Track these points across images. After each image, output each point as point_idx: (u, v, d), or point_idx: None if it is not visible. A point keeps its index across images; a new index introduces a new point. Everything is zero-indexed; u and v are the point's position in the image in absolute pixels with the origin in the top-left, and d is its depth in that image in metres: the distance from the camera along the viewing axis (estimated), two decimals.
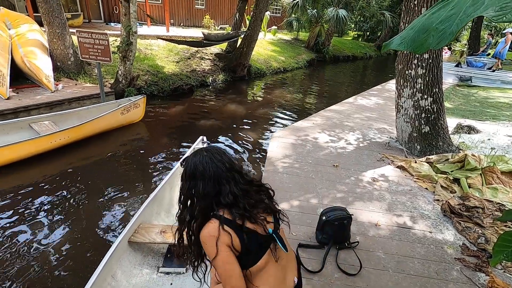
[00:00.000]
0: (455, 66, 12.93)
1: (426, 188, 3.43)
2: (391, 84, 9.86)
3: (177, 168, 2.98)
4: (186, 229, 1.23)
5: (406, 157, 4.19)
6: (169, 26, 12.15)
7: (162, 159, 4.47)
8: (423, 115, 4.15)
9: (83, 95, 5.80)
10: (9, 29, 6.29)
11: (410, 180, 3.61)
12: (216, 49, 10.74)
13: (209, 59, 10.07)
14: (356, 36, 25.89)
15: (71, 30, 6.78)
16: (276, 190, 3.08)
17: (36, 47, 6.03)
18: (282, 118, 6.76)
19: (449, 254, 2.44)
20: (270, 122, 6.55)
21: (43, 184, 3.61)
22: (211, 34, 9.11)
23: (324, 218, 2.40)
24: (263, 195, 1.28)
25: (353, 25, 24.49)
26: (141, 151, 4.78)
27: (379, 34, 23.86)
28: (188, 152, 3.35)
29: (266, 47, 13.78)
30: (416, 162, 3.86)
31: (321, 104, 8.12)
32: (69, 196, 3.43)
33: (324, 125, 5.32)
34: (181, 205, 1.24)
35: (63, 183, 3.65)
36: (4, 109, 4.77)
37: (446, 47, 16.39)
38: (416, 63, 4.03)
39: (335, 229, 2.36)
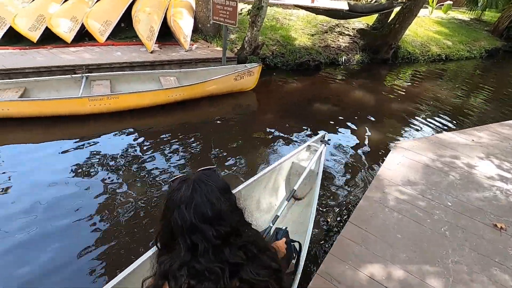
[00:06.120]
0: None
1: None
2: None
3: (276, 166, 2.47)
4: None
5: None
6: None
7: (265, 138, 4.12)
8: None
9: (209, 57, 5.97)
10: None
11: None
12: (360, 23, 9.17)
13: (349, 35, 8.69)
14: None
15: None
16: (372, 235, 1.99)
17: (184, 8, 6.54)
18: (421, 123, 5.01)
19: None
20: (403, 123, 4.99)
21: (156, 132, 3.96)
22: (358, 4, 7.66)
23: None
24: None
25: None
26: (246, 123, 4.64)
27: None
28: (301, 147, 2.73)
29: (430, 26, 10.88)
30: None
31: (493, 113, 5.70)
32: (175, 149, 3.61)
33: (493, 147, 3.46)
34: None
35: (174, 136, 3.87)
36: (145, 61, 5.43)
37: None
38: None
39: None
